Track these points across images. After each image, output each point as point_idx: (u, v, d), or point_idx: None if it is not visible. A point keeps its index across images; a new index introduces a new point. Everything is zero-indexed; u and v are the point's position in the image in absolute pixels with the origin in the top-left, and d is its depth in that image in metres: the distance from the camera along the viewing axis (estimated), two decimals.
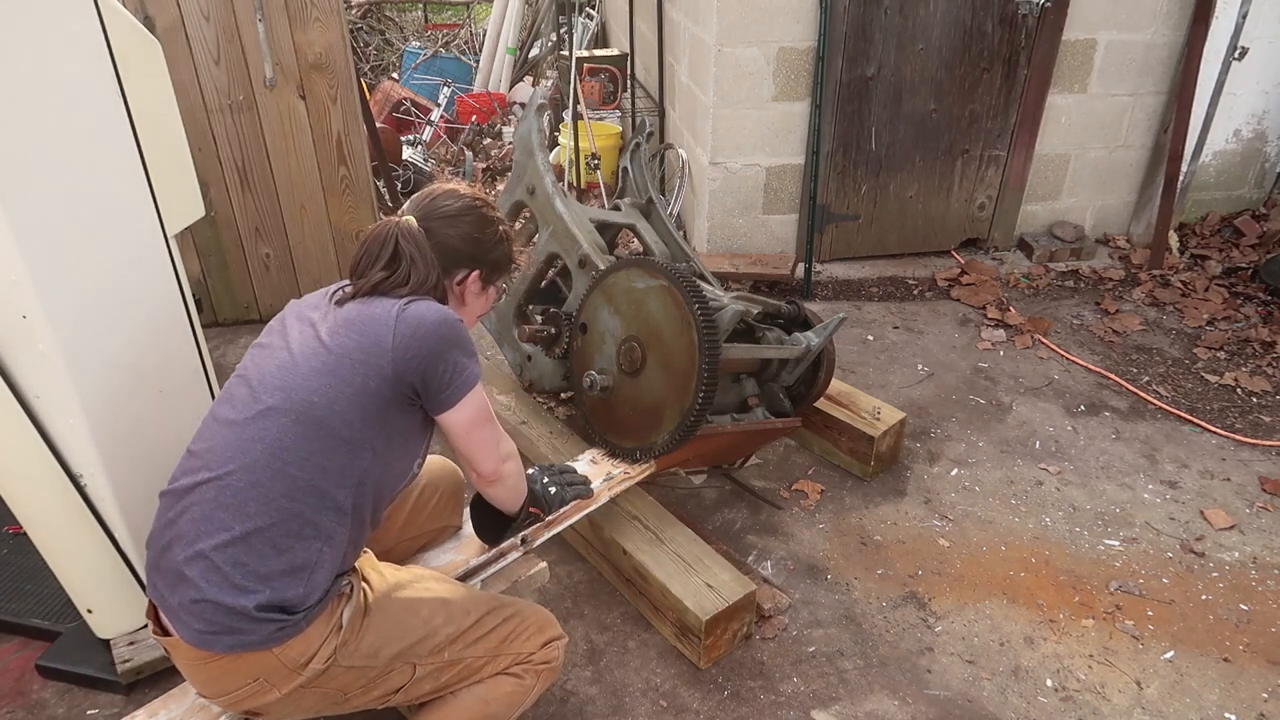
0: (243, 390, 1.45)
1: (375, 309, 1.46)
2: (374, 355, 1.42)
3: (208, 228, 3.34)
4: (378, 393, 1.42)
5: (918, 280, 3.99)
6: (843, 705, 2.01)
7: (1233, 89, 3.94)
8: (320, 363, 1.42)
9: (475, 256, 1.60)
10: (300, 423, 1.39)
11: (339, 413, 1.40)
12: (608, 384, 2.26)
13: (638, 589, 2.20)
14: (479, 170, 5.18)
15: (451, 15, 7.48)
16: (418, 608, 1.54)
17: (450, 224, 1.57)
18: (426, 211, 1.57)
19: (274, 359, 1.46)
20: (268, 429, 1.39)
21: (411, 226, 1.53)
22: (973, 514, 2.60)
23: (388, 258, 1.50)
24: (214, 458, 1.40)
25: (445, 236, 1.56)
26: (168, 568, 1.40)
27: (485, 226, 1.61)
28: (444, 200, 1.58)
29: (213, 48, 3.07)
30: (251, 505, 1.37)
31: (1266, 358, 3.39)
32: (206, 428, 1.47)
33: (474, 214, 1.60)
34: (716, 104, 3.63)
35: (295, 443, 1.39)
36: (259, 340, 1.56)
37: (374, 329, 1.43)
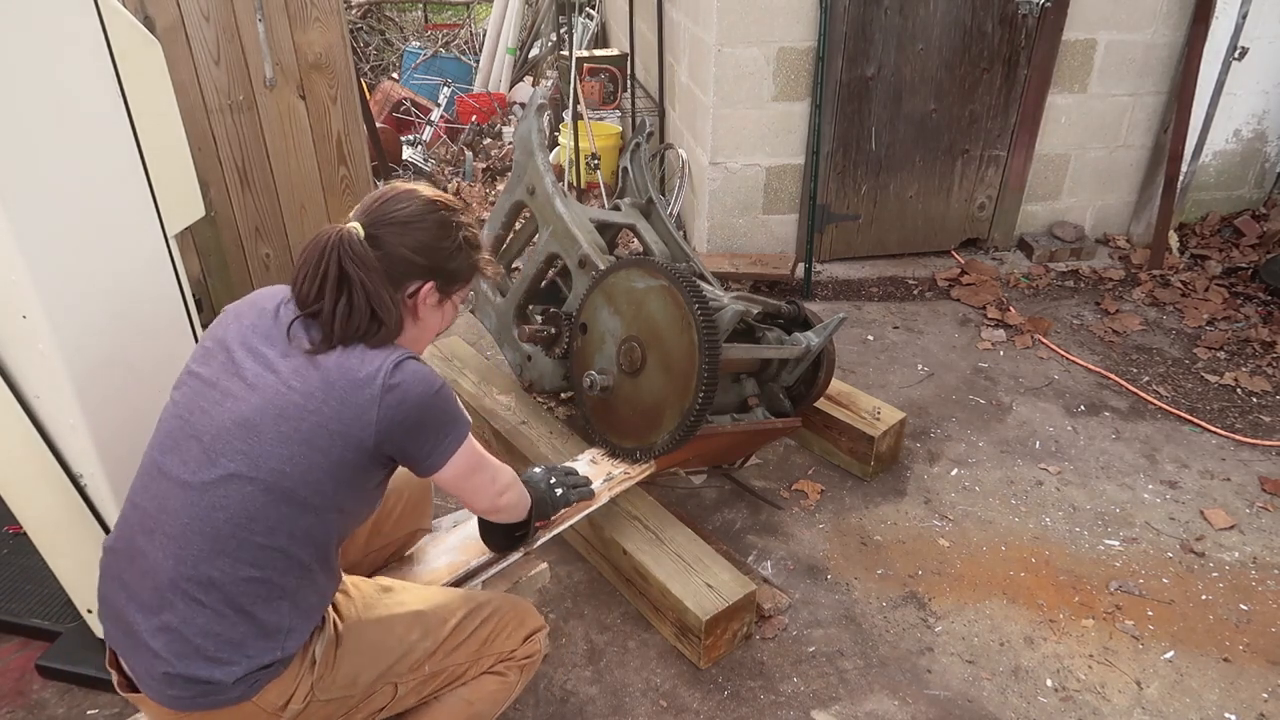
0: (194, 447, 1.31)
1: (354, 373, 1.31)
2: (355, 429, 1.31)
3: (208, 228, 3.34)
4: (355, 463, 1.33)
5: (918, 280, 3.99)
6: (843, 705, 2.01)
7: (1233, 89, 3.94)
8: (292, 429, 1.29)
9: (430, 267, 1.42)
10: (269, 492, 1.29)
11: (312, 483, 1.31)
12: (608, 384, 2.26)
13: (638, 589, 2.20)
14: (479, 170, 5.18)
15: (451, 15, 7.48)
16: (391, 626, 1.48)
17: (402, 231, 1.38)
18: (376, 217, 1.39)
19: (229, 411, 1.32)
20: (230, 497, 1.28)
21: (353, 238, 1.34)
22: (973, 514, 2.60)
23: (334, 281, 1.33)
24: (169, 521, 1.30)
25: (395, 246, 1.38)
26: (129, 635, 1.33)
27: (443, 233, 1.42)
28: (397, 204, 1.41)
29: (213, 48, 3.06)
30: (215, 574, 1.28)
31: (1266, 358, 3.39)
32: (153, 481, 1.35)
33: (429, 219, 1.41)
34: (716, 104, 3.63)
35: (261, 512, 1.29)
36: (196, 368, 1.39)
37: (356, 400, 1.31)
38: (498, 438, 2.66)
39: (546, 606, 2.24)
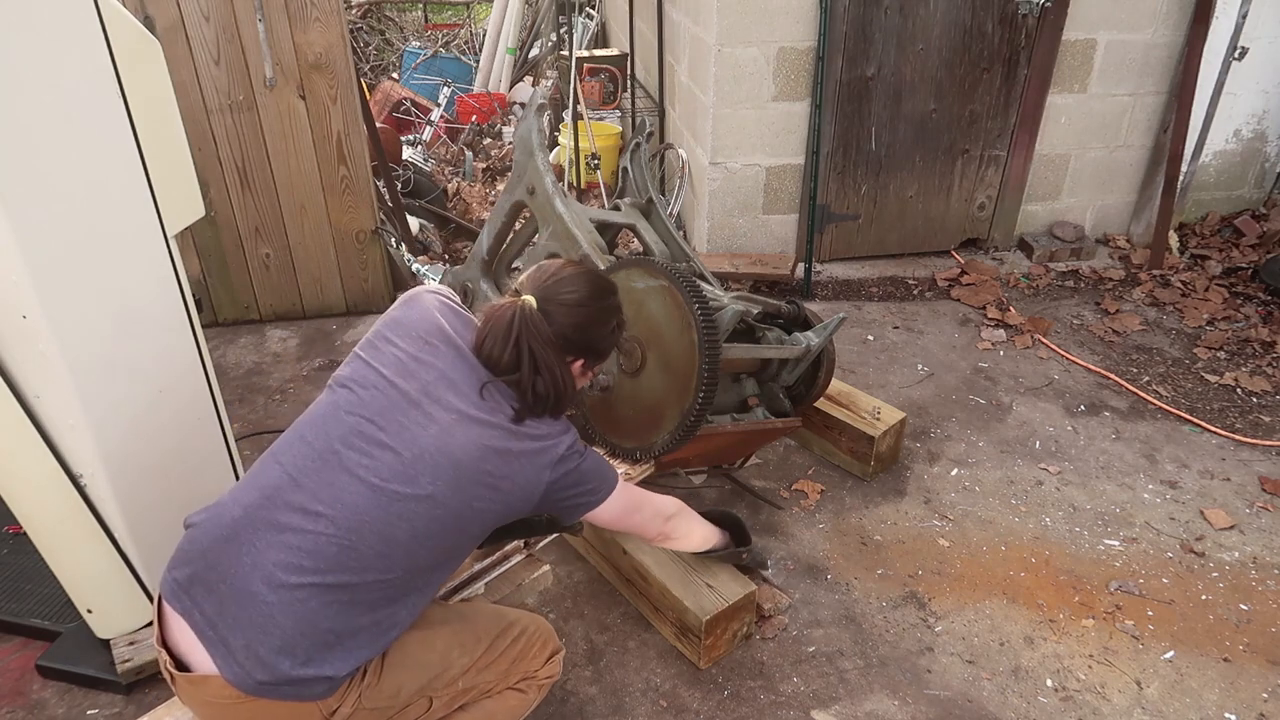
0: (389, 457, 1.38)
1: (542, 440, 1.47)
2: (532, 487, 1.46)
3: (208, 228, 3.34)
4: (516, 512, 1.48)
5: (918, 280, 3.99)
6: (843, 705, 2.01)
7: (1233, 89, 3.94)
8: (486, 474, 1.41)
9: (585, 346, 1.55)
10: (453, 519, 1.40)
11: (483, 522, 1.45)
12: (608, 384, 2.26)
13: (638, 589, 2.20)
14: (479, 170, 5.18)
15: (451, 15, 7.48)
16: (433, 642, 1.52)
17: (570, 313, 1.50)
18: (548, 294, 1.50)
19: (434, 438, 1.40)
20: (419, 515, 1.37)
21: (536, 316, 1.46)
22: (973, 514, 2.60)
23: (528, 356, 1.44)
24: (346, 514, 1.35)
25: (563, 324, 1.49)
26: (241, 604, 1.32)
27: (604, 319, 1.56)
28: (566, 286, 1.51)
29: (213, 48, 3.07)
30: (372, 575, 1.36)
31: (1266, 358, 3.39)
32: (326, 466, 1.39)
33: (595, 307, 1.54)
34: (716, 104, 3.63)
35: (439, 534, 1.40)
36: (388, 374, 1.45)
37: (538, 462, 1.46)
38: None
39: (546, 606, 2.24)
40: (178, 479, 2.03)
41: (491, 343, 1.45)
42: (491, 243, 2.80)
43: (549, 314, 1.47)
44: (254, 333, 3.55)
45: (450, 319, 1.51)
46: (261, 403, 3.10)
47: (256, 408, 3.07)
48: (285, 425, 2.99)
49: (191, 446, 2.09)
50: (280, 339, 3.51)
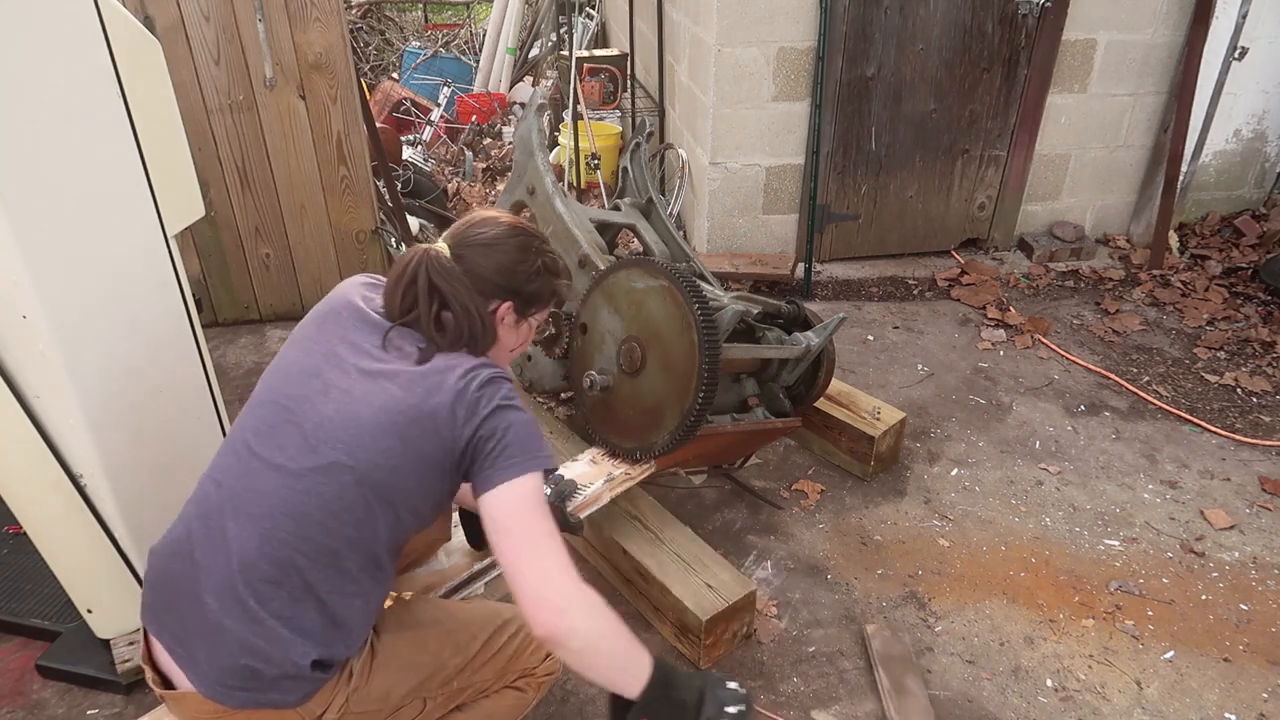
0: (293, 433, 1.35)
1: (453, 372, 1.37)
2: (446, 427, 1.34)
3: (208, 228, 3.34)
4: (439, 462, 1.36)
5: (918, 280, 3.99)
6: (843, 705, 2.01)
7: (1233, 89, 3.94)
8: (390, 421, 1.33)
9: (509, 288, 1.49)
10: (361, 484, 1.32)
11: (400, 478, 1.34)
12: (608, 384, 2.26)
13: (638, 589, 2.20)
14: (479, 170, 5.18)
15: (451, 15, 7.48)
16: (425, 642, 1.49)
17: (484, 252, 1.47)
18: (460, 239, 1.48)
19: (333, 401, 1.36)
20: (326, 485, 1.31)
21: (440, 255, 1.44)
22: (973, 514, 2.60)
23: (425, 292, 1.41)
24: (257, 502, 1.32)
25: (477, 265, 1.46)
26: (196, 616, 1.31)
27: (523, 256, 1.50)
28: (480, 227, 1.50)
29: (213, 48, 3.07)
30: (300, 559, 1.30)
31: (1266, 358, 3.39)
32: (241, 462, 1.37)
33: (510, 243, 1.49)
34: (716, 104, 3.63)
35: (353, 503, 1.32)
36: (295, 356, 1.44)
37: (451, 400, 1.35)
38: None
39: None
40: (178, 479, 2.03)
41: (392, 290, 1.44)
42: None
43: (462, 257, 1.45)
44: (254, 333, 3.55)
45: (365, 292, 1.50)
46: None
47: None
48: None
49: (191, 446, 2.09)
50: (280, 339, 3.50)
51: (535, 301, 1.54)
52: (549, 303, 1.58)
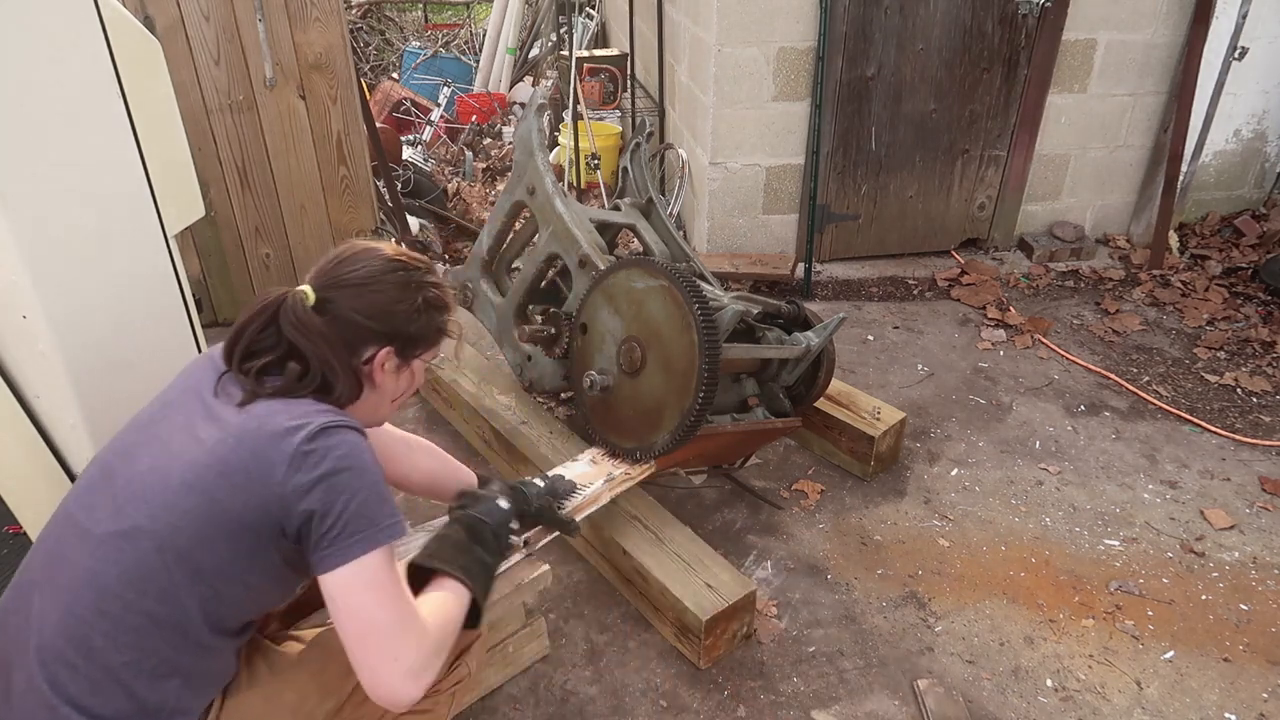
0: (106, 494, 1.20)
1: (275, 423, 1.19)
2: (259, 486, 1.16)
3: (208, 228, 3.34)
4: (256, 528, 1.18)
5: (918, 280, 3.99)
6: (843, 705, 2.01)
7: (1233, 89, 3.94)
8: (195, 477, 1.17)
9: (386, 332, 1.32)
10: (162, 551, 1.16)
11: (206, 545, 1.17)
12: (608, 384, 2.26)
13: (638, 589, 2.20)
14: (479, 170, 5.18)
15: (451, 15, 7.49)
16: (281, 696, 1.31)
17: (356, 294, 1.29)
18: (329, 279, 1.30)
19: (148, 458, 1.22)
20: (125, 552, 1.16)
21: (299, 304, 1.25)
22: (973, 514, 2.60)
23: (270, 344, 1.25)
24: (63, 571, 1.18)
25: (347, 310, 1.28)
26: (5, 694, 1.19)
27: (402, 295, 1.32)
28: (353, 265, 1.31)
29: (213, 48, 3.07)
30: (97, 639, 1.15)
31: (1266, 358, 3.39)
32: (58, 526, 1.24)
33: (386, 280, 1.31)
34: (716, 104, 3.63)
35: (154, 573, 1.16)
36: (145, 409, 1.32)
37: (269, 452, 1.17)
38: (498, 438, 2.66)
39: (546, 606, 2.24)
40: None
41: (237, 333, 1.28)
42: (491, 243, 2.80)
43: (330, 301, 1.28)
44: None
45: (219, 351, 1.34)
46: None
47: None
48: None
49: None
50: None
51: (419, 343, 1.38)
52: (436, 343, 1.41)
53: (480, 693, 1.99)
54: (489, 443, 2.74)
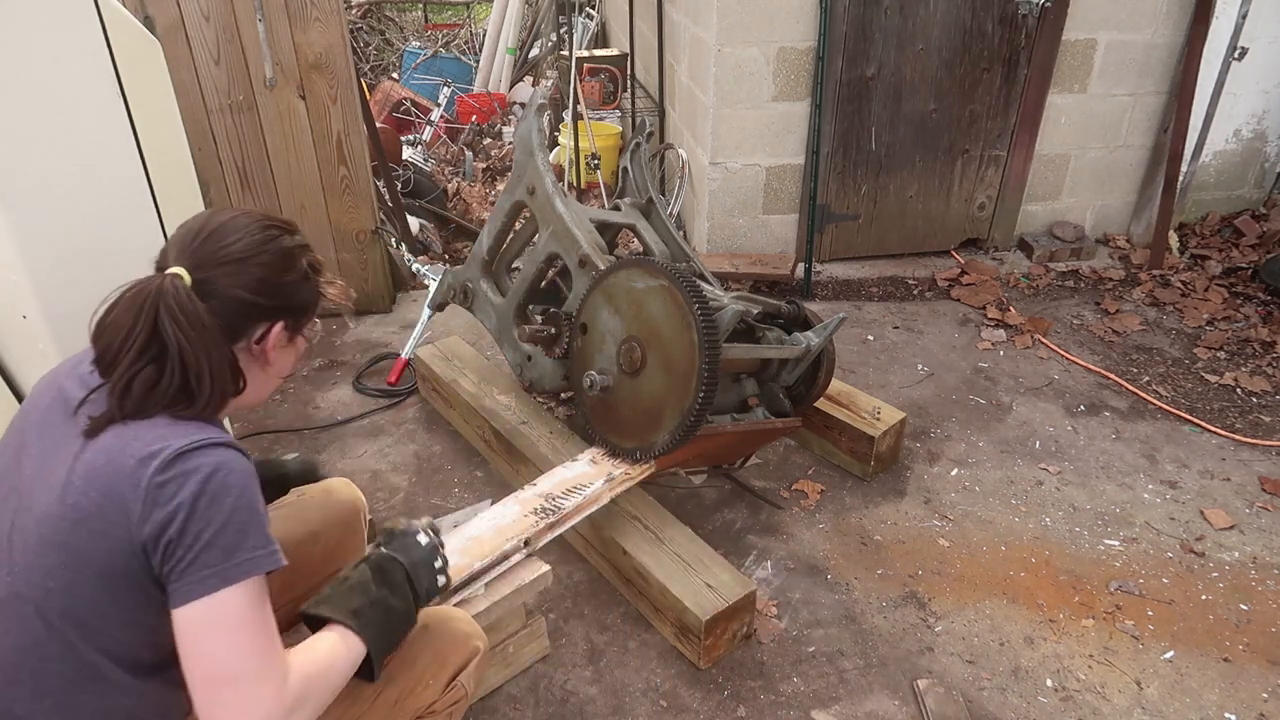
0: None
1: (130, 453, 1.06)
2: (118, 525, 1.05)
3: None
4: (127, 571, 1.06)
5: (918, 280, 3.99)
6: (843, 705, 2.01)
7: (1233, 89, 3.94)
8: (51, 531, 1.06)
9: (276, 307, 1.21)
10: (42, 615, 1.07)
11: (85, 600, 1.07)
12: (608, 384, 2.26)
13: (638, 589, 2.20)
14: (479, 170, 5.18)
15: (451, 15, 7.49)
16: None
17: (237, 271, 1.16)
18: (203, 257, 1.15)
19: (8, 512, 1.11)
20: (10, 623, 1.08)
21: (178, 291, 1.11)
22: (973, 514, 2.60)
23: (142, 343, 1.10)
24: None
25: (232, 290, 1.15)
26: None
27: (286, 264, 1.21)
28: (226, 238, 1.17)
29: (213, 48, 3.07)
30: (21, 709, 1.08)
31: (1266, 358, 3.39)
32: None
33: (269, 251, 1.19)
34: (716, 104, 3.63)
35: (45, 638, 1.07)
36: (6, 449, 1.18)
37: (122, 487, 1.05)
38: (498, 438, 2.66)
39: (546, 606, 2.24)
40: None
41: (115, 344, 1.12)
42: (491, 243, 2.80)
43: (209, 283, 1.14)
44: None
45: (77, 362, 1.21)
46: None
47: (256, 408, 3.07)
48: (285, 425, 3.00)
49: None
50: None
51: (307, 311, 1.28)
52: (317, 309, 1.30)
53: (480, 693, 1.99)
54: (489, 443, 2.74)
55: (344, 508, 1.70)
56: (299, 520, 1.63)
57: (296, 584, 1.58)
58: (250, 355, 1.23)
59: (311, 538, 1.63)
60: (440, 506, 2.61)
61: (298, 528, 1.61)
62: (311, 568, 1.62)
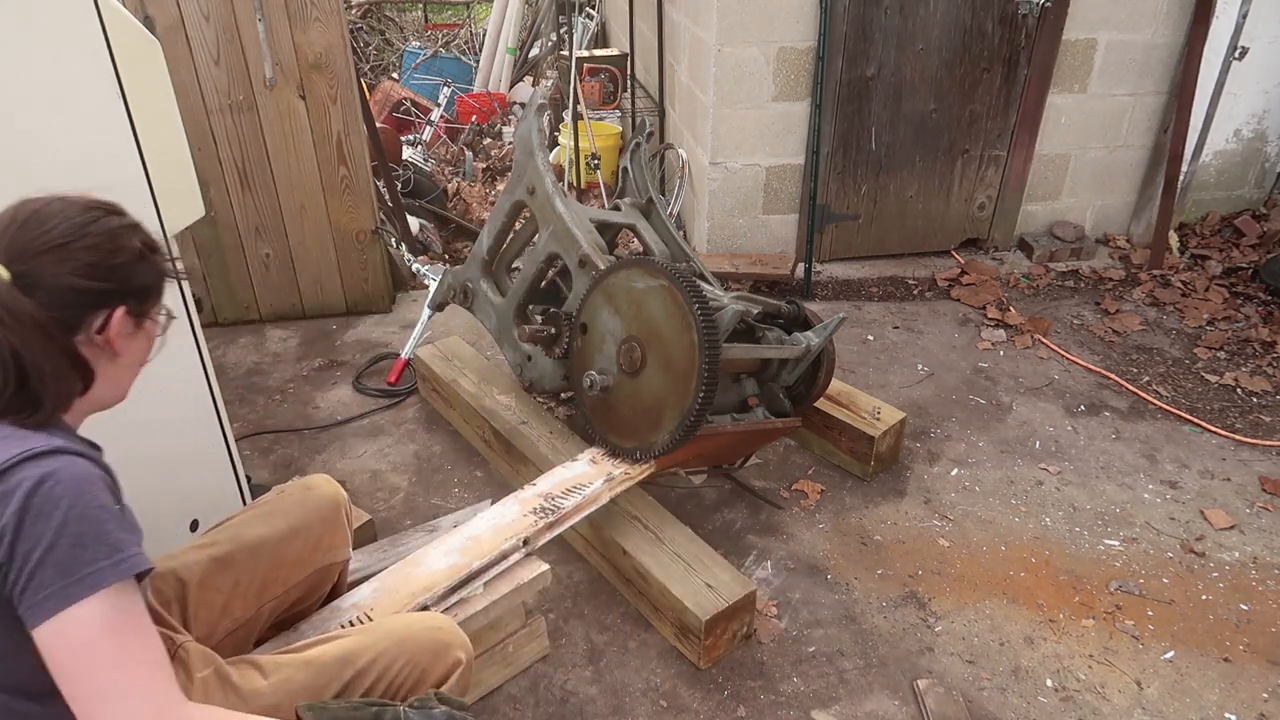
0: None
1: None
2: None
3: (208, 228, 3.34)
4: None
5: (918, 280, 3.99)
6: (843, 705, 2.01)
7: (1233, 89, 3.94)
8: None
9: (112, 291, 1.11)
10: None
11: None
12: (608, 384, 2.26)
13: (638, 589, 2.20)
14: (479, 170, 5.18)
15: (451, 15, 7.49)
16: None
17: (61, 258, 1.07)
18: (20, 249, 1.06)
19: None
20: None
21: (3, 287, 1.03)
22: (973, 514, 2.60)
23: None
24: None
25: (60, 278, 1.06)
26: None
27: (115, 245, 1.11)
28: (43, 225, 1.07)
29: (213, 48, 3.07)
30: None
31: (1266, 358, 3.39)
32: None
33: (92, 233, 1.10)
34: (716, 104, 3.63)
35: None
36: None
37: None
38: (498, 438, 2.66)
39: (546, 606, 2.24)
40: (178, 479, 2.03)
41: None
42: (491, 243, 2.81)
43: (33, 274, 1.05)
44: (254, 333, 3.55)
45: None
46: (261, 403, 3.10)
47: (256, 408, 3.07)
48: (285, 425, 3.00)
49: (191, 446, 2.09)
50: (280, 339, 3.51)
51: (150, 294, 1.18)
52: (163, 290, 1.21)
53: (480, 692, 1.99)
54: (489, 443, 2.74)
55: (324, 503, 1.67)
56: (279, 517, 1.62)
57: (277, 580, 1.59)
58: (95, 347, 1.13)
59: (291, 534, 1.61)
60: (440, 506, 2.61)
61: (277, 525, 1.60)
62: (291, 564, 1.62)
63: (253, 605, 1.57)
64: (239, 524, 1.60)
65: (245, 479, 2.37)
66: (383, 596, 1.78)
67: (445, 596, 1.83)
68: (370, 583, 1.83)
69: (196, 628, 1.46)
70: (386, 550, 2.24)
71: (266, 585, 1.58)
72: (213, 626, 1.50)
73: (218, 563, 1.51)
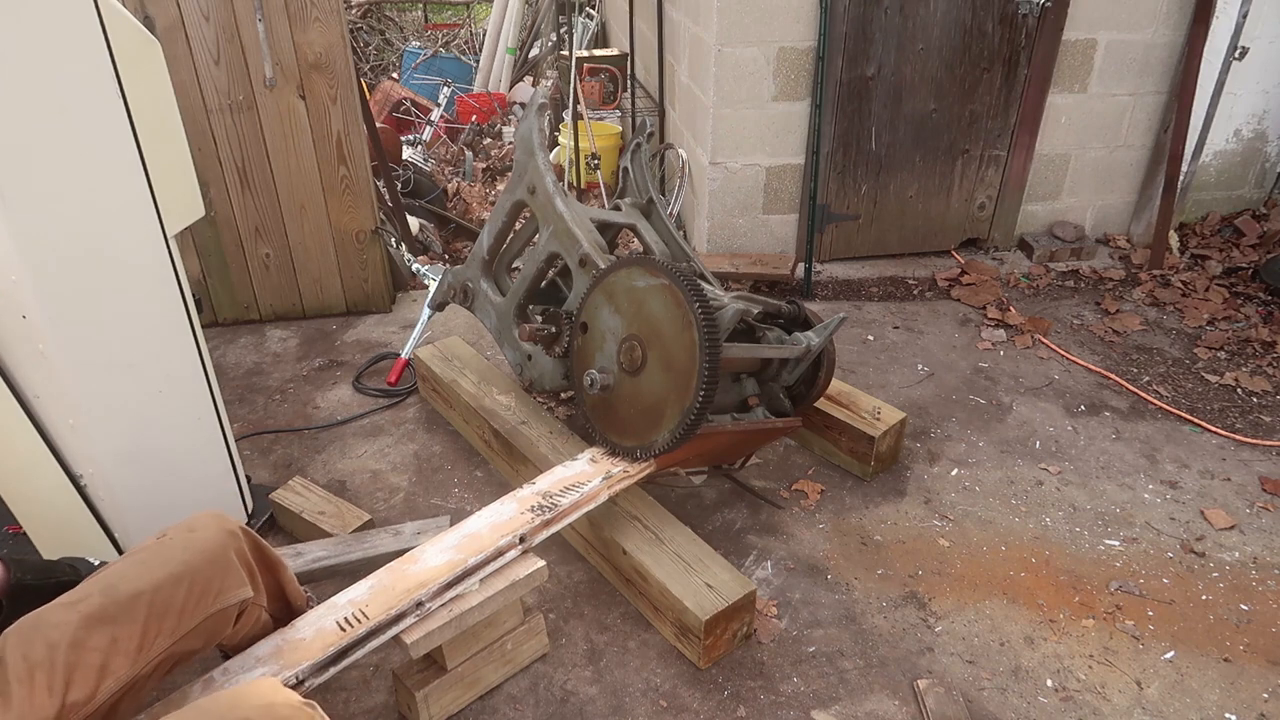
0: None
1: None
2: None
3: (208, 228, 3.34)
4: None
5: (918, 280, 3.99)
6: (843, 705, 2.01)
7: (1233, 89, 3.94)
8: None
9: None
10: None
11: None
12: (608, 383, 2.26)
13: (638, 589, 2.20)
14: (479, 170, 5.18)
15: (451, 15, 7.49)
16: None
17: None
18: None
19: None
20: None
21: None
22: (973, 514, 2.60)
23: None
24: None
25: None
26: None
27: None
28: None
29: (213, 48, 3.07)
30: None
31: (1266, 358, 3.39)
32: None
33: None
34: (716, 104, 3.63)
35: None
36: None
37: None
38: (497, 438, 2.66)
39: (546, 606, 2.24)
40: (178, 479, 2.04)
41: None
42: (492, 242, 2.81)
43: None
44: (254, 333, 3.55)
45: None
46: (261, 403, 3.10)
47: (256, 408, 3.07)
48: (284, 425, 3.00)
49: (191, 446, 2.09)
50: (280, 339, 3.51)
51: None
52: None
53: (480, 691, 1.99)
54: (489, 443, 2.74)
55: (210, 545, 1.57)
56: (157, 565, 1.51)
57: (161, 633, 1.49)
58: None
59: (172, 581, 1.50)
60: (440, 506, 2.61)
61: (155, 573, 1.50)
62: (178, 614, 1.51)
63: (139, 662, 1.45)
64: (112, 575, 1.48)
65: (245, 479, 2.37)
66: (379, 593, 1.79)
67: (441, 592, 1.83)
68: (366, 580, 1.84)
69: (74, 691, 1.35)
70: (351, 545, 2.28)
71: (149, 640, 1.46)
72: (93, 689, 1.38)
73: (89, 620, 1.39)
